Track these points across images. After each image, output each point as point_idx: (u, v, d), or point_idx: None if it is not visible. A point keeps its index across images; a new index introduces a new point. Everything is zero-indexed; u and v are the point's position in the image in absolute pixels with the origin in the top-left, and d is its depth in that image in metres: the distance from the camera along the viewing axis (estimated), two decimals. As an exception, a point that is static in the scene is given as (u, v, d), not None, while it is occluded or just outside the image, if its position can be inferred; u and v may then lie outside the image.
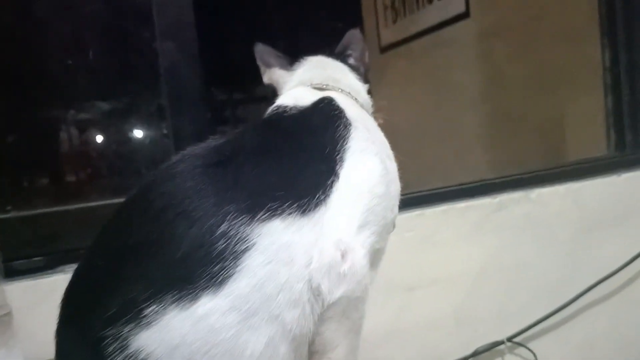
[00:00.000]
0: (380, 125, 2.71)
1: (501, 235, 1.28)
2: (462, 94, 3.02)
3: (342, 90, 0.85)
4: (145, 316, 0.56)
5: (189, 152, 0.69)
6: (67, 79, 1.08)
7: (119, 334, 0.56)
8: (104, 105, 1.11)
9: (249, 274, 0.58)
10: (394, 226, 0.78)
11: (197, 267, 0.57)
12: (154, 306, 0.56)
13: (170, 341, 0.56)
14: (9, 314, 0.94)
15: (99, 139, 1.13)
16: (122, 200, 1.04)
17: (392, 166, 0.80)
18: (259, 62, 0.94)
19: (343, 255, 0.64)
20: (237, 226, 0.59)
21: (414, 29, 3.37)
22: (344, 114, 0.75)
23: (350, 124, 0.74)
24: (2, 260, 0.94)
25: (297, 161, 0.69)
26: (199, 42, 1.09)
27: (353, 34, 0.97)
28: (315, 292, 0.63)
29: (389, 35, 3.72)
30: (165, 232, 0.59)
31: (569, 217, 1.33)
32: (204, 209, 0.60)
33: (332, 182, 0.67)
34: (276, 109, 0.79)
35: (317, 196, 0.65)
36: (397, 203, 0.77)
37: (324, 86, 0.85)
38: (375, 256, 0.72)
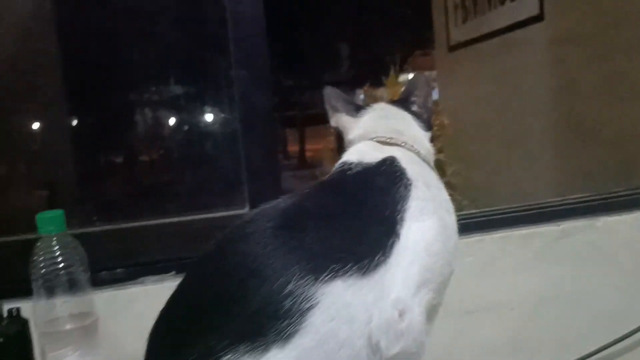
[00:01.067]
0: (444, 125, 2.71)
1: (563, 263, 1.27)
2: (531, 100, 2.95)
3: (405, 144, 0.88)
4: None
5: (260, 213, 0.75)
6: (150, 105, 1.16)
7: None
8: (184, 126, 1.19)
9: (312, 330, 0.63)
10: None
11: (267, 322, 0.63)
12: (230, 355, 0.62)
13: None
14: (96, 321, 1.04)
15: (177, 157, 1.21)
16: (195, 217, 1.12)
17: (451, 220, 0.83)
18: (326, 106, 0.98)
19: (401, 315, 0.68)
20: (302, 286, 0.64)
21: (484, 30, 3.32)
22: (405, 175, 0.79)
23: (410, 184, 0.77)
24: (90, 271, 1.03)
25: (359, 224, 0.73)
26: (267, 29, 1.13)
27: (418, 78, 0.99)
28: (374, 348, 0.67)
29: (458, 34, 3.67)
30: (239, 289, 0.66)
31: (635, 247, 1.31)
32: (273, 269, 0.66)
33: (393, 243, 0.71)
34: (341, 166, 0.84)
35: (377, 257, 0.69)
36: (455, 257, 0.81)
37: (388, 139, 0.88)
38: (432, 311, 0.76)
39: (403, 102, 0.96)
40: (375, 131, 0.90)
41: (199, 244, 1.02)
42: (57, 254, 0.96)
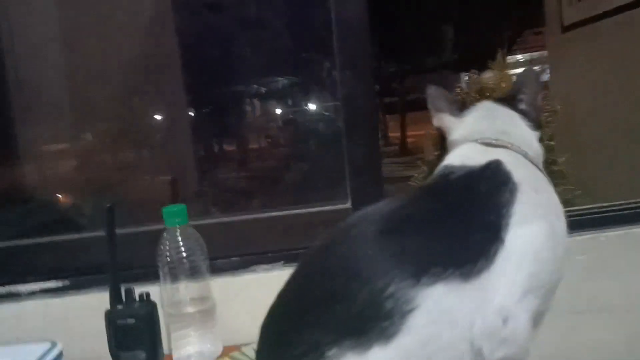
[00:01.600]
0: (556, 111, 2.58)
1: (688, 265, 1.19)
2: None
3: (511, 145, 0.85)
4: (327, 357, 0.66)
5: (363, 217, 0.78)
6: (260, 104, 1.23)
7: None
8: (291, 124, 1.25)
9: (414, 331, 0.65)
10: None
11: (370, 322, 0.66)
12: (335, 349, 0.66)
13: None
14: (213, 305, 1.13)
15: (284, 154, 1.27)
16: (301, 211, 1.18)
17: (560, 226, 0.80)
18: (429, 106, 0.96)
19: (505, 321, 0.68)
20: (403, 288, 0.66)
21: (601, 8, 3.10)
22: (511, 179, 0.77)
23: (516, 189, 0.75)
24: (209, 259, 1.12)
25: (461, 229, 0.73)
26: (369, 15, 1.15)
27: (527, 73, 0.95)
28: (477, 353, 0.68)
29: (572, 13, 3.46)
30: (343, 289, 0.69)
31: None
32: (375, 271, 0.68)
33: (497, 249, 0.70)
34: (444, 170, 0.83)
35: (479, 263, 0.69)
36: (564, 263, 0.79)
37: (493, 141, 0.86)
38: (538, 317, 0.75)
39: (510, 100, 0.92)
40: (480, 132, 0.88)
41: (305, 236, 1.08)
42: (181, 244, 1.06)
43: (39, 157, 1.36)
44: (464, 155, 0.84)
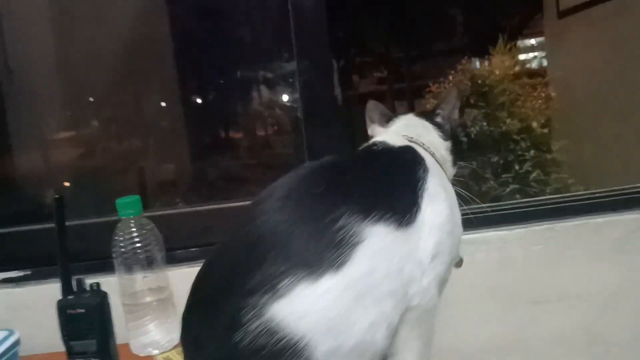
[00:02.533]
0: (551, 98, 2.55)
1: (646, 254, 1.19)
2: (649, 69, 2.69)
3: (423, 144, 0.97)
4: (279, 289, 0.70)
5: (310, 165, 0.88)
6: (219, 99, 1.24)
7: (256, 303, 0.70)
8: (248, 116, 1.25)
9: (360, 262, 0.72)
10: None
11: (321, 252, 0.72)
12: (287, 280, 0.70)
13: (298, 311, 0.69)
14: (170, 294, 1.15)
15: (245, 145, 1.28)
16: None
17: (458, 214, 0.91)
18: (366, 117, 1.10)
19: (421, 274, 0.80)
20: (352, 223, 0.73)
21: (596, -8, 3.05)
22: (425, 162, 0.89)
23: (428, 170, 0.87)
24: (166, 249, 1.13)
25: (392, 185, 0.83)
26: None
27: (448, 93, 1.17)
28: (404, 292, 0.77)
29: (569, -1, 3.41)
30: (297, 223, 0.74)
31: None
32: (327, 207, 0.75)
33: (417, 211, 0.81)
34: (372, 144, 0.95)
35: (407, 216, 0.79)
36: (459, 246, 0.90)
37: (410, 138, 0.97)
38: (441, 284, 0.85)
39: (428, 114, 1.07)
40: (400, 132, 1.01)
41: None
42: (135, 234, 1.08)
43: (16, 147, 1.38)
44: (387, 138, 0.96)
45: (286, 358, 0.69)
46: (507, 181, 2.84)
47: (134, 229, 1.08)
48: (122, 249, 1.08)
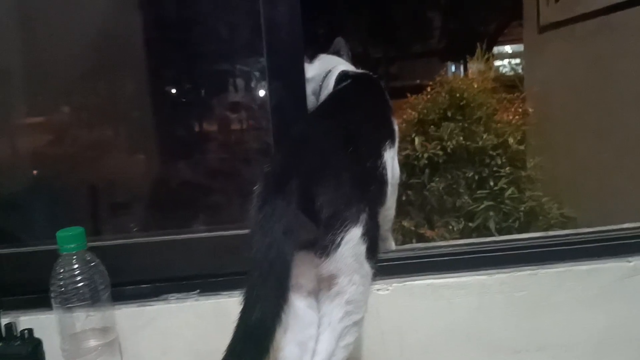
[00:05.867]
0: (527, 114, 2.50)
1: (632, 304, 1.11)
2: (628, 89, 2.65)
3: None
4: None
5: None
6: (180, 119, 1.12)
7: None
8: (217, 138, 1.15)
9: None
10: None
11: None
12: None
13: None
14: (116, 337, 1.04)
15: (211, 167, 1.17)
16: (221, 233, 1.08)
17: None
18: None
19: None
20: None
21: (579, 10, 3.01)
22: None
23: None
24: (113, 285, 1.02)
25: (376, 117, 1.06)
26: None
27: (340, 41, 1.37)
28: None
29: (549, 14, 3.37)
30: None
31: None
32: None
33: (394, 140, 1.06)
34: (345, 72, 1.19)
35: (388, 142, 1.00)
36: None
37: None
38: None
39: (336, 53, 1.35)
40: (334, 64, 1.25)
41: (227, 261, 0.98)
42: (77, 272, 0.96)
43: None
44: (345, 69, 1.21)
45: None
46: (482, 197, 2.79)
47: (75, 266, 0.96)
48: (62, 288, 0.95)
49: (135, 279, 1.09)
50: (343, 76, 1.16)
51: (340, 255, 0.76)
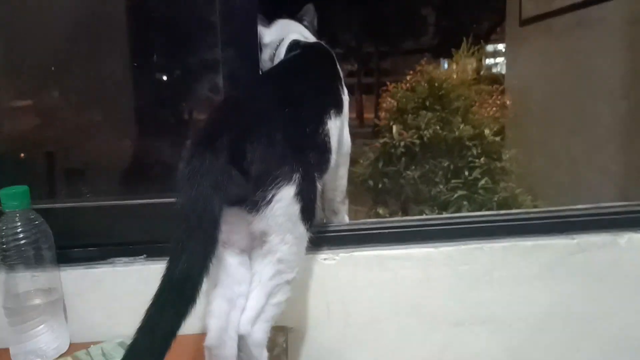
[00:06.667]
0: (505, 106, 2.52)
1: (575, 281, 1.13)
2: (602, 84, 2.68)
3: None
4: None
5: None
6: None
7: None
8: (169, 106, 1.15)
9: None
10: None
11: None
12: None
13: None
14: (60, 298, 1.04)
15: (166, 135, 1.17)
16: (168, 200, 1.07)
17: None
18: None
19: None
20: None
21: (557, 4, 3.03)
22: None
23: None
24: (56, 248, 1.02)
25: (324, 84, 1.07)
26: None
27: (308, 8, 1.35)
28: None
29: (531, 7, 3.39)
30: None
31: (666, 270, 1.14)
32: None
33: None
34: (293, 42, 1.18)
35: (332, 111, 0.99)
36: None
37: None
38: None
39: (298, 20, 1.32)
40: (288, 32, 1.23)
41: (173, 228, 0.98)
42: (19, 230, 0.96)
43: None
44: (297, 38, 1.20)
45: None
46: (457, 187, 2.81)
47: (18, 224, 0.96)
48: (4, 246, 0.96)
49: (82, 242, 1.09)
50: (293, 45, 1.16)
51: (271, 213, 0.76)
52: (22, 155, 1.19)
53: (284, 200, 0.77)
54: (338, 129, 1.02)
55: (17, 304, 0.99)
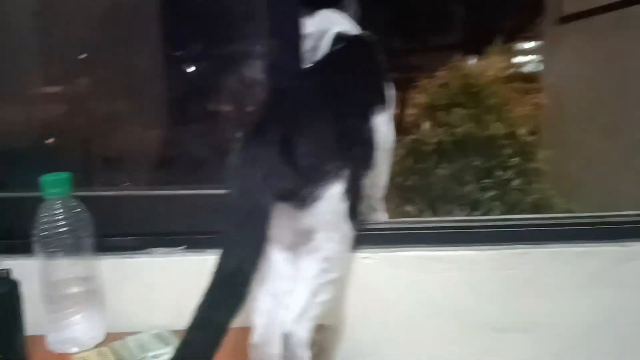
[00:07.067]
0: (541, 105, 2.46)
1: (624, 290, 1.09)
2: (640, 88, 2.60)
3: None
4: None
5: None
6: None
7: None
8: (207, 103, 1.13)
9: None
10: None
11: None
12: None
13: None
14: (98, 287, 1.03)
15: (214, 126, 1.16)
16: (209, 192, 1.06)
17: None
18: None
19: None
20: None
21: (600, 2, 2.94)
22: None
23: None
24: (94, 236, 1.01)
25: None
26: None
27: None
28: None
29: (572, 4, 3.29)
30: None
31: None
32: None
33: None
34: (341, 34, 1.10)
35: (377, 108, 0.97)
36: None
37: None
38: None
39: (342, 10, 1.22)
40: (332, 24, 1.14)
41: (213, 220, 0.97)
42: (60, 217, 0.95)
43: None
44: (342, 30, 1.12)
45: None
46: (488, 186, 2.76)
47: (59, 211, 0.95)
48: (44, 232, 0.95)
49: (121, 231, 1.07)
50: (338, 38, 1.11)
51: (319, 210, 0.74)
52: (59, 142, 1.19)
53: (333, 197, 0.74)
54: (383, 125, 0.99)
55: (55, 292, 0.98)
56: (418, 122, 2.96)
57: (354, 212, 0.80)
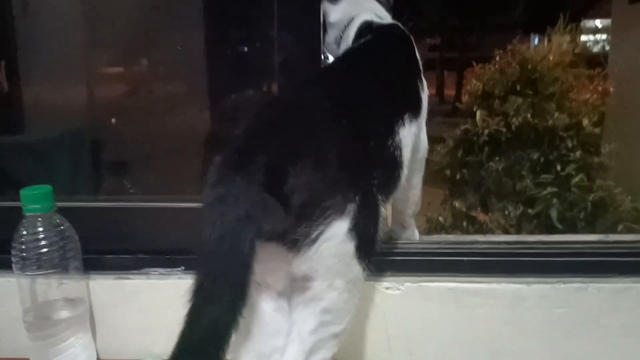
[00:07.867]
0: (608, 93, 2.23)
1: None
2: None
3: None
4: None
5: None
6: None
7: None
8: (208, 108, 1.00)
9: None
10: None
11: None
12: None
13: None
14: (87, 311, 0.93)
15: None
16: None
17: None
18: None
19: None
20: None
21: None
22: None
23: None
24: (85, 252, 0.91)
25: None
26: None
27: None
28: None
29: (648, -19, 2.99)
30: None
31: None
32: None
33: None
34: (368, 23, 0.95)
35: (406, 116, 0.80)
36: None
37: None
38: None
39: None
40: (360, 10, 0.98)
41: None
42: (41, 236, 0.85)
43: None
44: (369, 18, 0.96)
45: None
46: (546, 182, 2.56)
47: (40, 229, 0.85)
48: (23, 253, 0.85)
49: (114, 248, 0.97)
50: (364, 28, 0.95)
51: (317, 254, 0.59)
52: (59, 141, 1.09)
53: (334, 238, 0.60)
54: (413, 136, 0.82)
55: (38, 316, 0.89)
56: (470, 111, 2.78)
57: (367, 250, 0.65)
